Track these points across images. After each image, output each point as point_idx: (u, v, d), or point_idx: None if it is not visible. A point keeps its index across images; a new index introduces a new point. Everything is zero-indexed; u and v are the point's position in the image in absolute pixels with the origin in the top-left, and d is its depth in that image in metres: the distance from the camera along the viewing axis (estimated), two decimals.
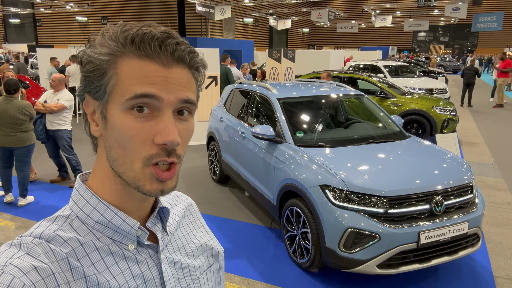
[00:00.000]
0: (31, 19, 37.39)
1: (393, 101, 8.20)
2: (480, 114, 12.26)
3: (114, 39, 0.62)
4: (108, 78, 0.62)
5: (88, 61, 0.63)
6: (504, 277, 3.49)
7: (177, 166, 0.65)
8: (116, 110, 0.62)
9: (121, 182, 0.65)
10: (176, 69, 0.63)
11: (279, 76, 11.28)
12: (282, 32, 41.40)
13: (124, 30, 0.62)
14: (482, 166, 6.73)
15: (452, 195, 3.26)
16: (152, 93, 0.60)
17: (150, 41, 0.60)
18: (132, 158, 0.62)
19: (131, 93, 0.60)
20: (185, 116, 0.65)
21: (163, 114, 0.61)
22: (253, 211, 4.85)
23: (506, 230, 4.37)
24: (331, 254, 3.10)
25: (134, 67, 0.61)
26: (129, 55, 0.61)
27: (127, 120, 0.61)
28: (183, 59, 0.63)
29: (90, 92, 0.64)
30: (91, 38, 0.65)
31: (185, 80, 0.64)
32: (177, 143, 0.61)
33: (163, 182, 0.63)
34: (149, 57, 0.61)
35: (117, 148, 0.63)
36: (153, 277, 0.69)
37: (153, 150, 0.61)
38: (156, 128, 0.61)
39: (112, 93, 0.62)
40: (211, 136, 5.88)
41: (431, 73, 16.79)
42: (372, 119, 4.87)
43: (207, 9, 22.54)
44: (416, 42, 50.07)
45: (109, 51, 0.62)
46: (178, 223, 0.81)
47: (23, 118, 4.75)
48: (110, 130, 0.63)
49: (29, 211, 4.87)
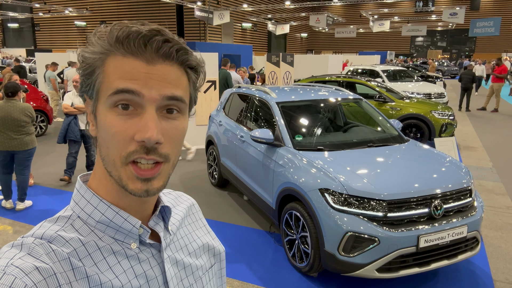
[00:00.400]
0: (30, 24, 37.46)
1: (391, 105, 8.23)
2: (478, 118, 12.30)
3: (102, 38, 0.63)
4: (96, 76, 0.63)
5: (82, 61, 0.64)
6: (503, 281, 3.49)
7: (163, 165, 0.63)
8: (102, 107, 0.62)
9: (115, 181, 0.65)
10: (161, 65, 0.62)
11: (278, 80, 11.31)
12: (280, 37, 41.56)
13: (113, 29, 0.62)
14: (480, 170, 6.74)
15: (451, 199, 3.26)
16: (132, 89, 0.60)
17: (135, 38, 0.60)
18: (113, 157, 0.62)
19: (112, 88, 0.60)
20: (174, 115, 0.64)
21: (145, 111, 0.61)
22: (252, 215, 4.85)
23: (505, 234, 4.37)
24: (330, 258, 3.09)
25: (118, 64, 0.61)
26: (116, 53, 0.62)
27: (110, 117, 0.61)
28: (170, 56, 0.62)
29: (85, 91, 0.65)
30: (87, 39, 0.66)
31: (171, 77, 0.63)
32: (155, 140, 0.60)
33: (147, 182, 0.63)
34: (133, 54, 0.61)
35: (103, 147, 0.63)
36: (156, 276, 0.69)
37: (132, 147, 0.61)
38: (137, 125, 0.60)
39: (99, 91, 0.63)
40: (210, 140, 5.88)
41: (429, 78, 16.86)
42: (371, 123, 4.89)
43: (206, 14, 22.63)
44: (414, 47, 50.30)
45: (99, 50, 0.63)
46: (180, 222, 0.81)
47: (26, 120, 4.76)
48: (99, 128, 0.64)
49: (27, 215, 4.85)
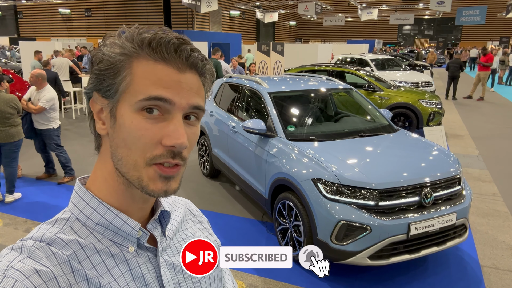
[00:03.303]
0: (12, 11, 36.39)
1: (380, 95, 8.29)
2: (464, 106, 12.49)
3: (130, 40, 0.63)
4: (122, 77, 0.63)
5: (101, 60, 0.64)
6: (490, 266, 3.60)
7: (181, 168, 0.66)
8: (126, 109, 0.62)
9: (124, 182, 0.66)
10: (189, 74, 0.64)
11: (268, 69, 11.28)
12: (269, 25, 41.24)
13: (140, 32, 0.63)
14: (467, 158, 6.87)
15: (440, 187, 3.33)
16: (165, 97, 0.61)
17: (166, 44, 0.62)
18: (136, 158, 0.62)
19: (145, 94, 0.61)
20: (192, 121, 0.67)
21: (173, 117, 0.63)
22: (244, 205, 4.88)
23: (492, 221, 4.49)
24: (323, 247, 3.14)
25: (150, 69, 0.62)
26: (145, 57, 0.62)
27: (137, 120, 0.62)
28: (196, 66, 0.65)
29: (101, 90, 0.65)
30: (106, 38, 0.65)
31: (196, 86, 0.65)
32: (185, 146, 0.62)
33: (167, 182, 0.64)
34: (165, 61, 0.62)
35: (123, 148, 0.63)
36: (152, 280, 0.70)
37: (158, 151, 0.62)
38: (165, 130, 0.62)
39: (125, 93, 0.63)
40: (201, 131, 5.86)
41: (417, 67, 16.99)
42: (361, 112, 4.93)
43: (193, 1, 22.30)
44: (402, 35, 50.46)
45: (125, 51, 0.63)
46: (177, 227, 0.82)
47: (11, 111, 4.65)
48: (118, 129, 0.63)
49: (17, 207, 4.79)
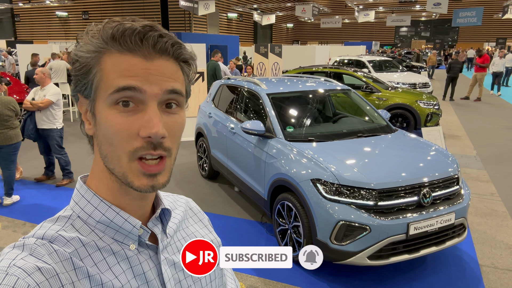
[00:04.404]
0: (9, 14, 36.35)
1: (378, 96, 8.31)
2: (461, 107, 12.53)
3: (97, 36, 0.63)
4: (93, 74, 0.63)
5: (75, 60, 0.64)
6: (489, 266, 3.61)
7: (167, 159, 0.65)
8: (102, 106, 0.63)
9: (116, 179, 0.65)
10: (159, 61, 0.63)
11: (266, 71, 11.30)
12: (266, 27, 41.34)
13: (106, 27, 0.62)
14: (465, 158, 6.90)
15: (438, 187, 3.34)
16: (133, 85, 0.60)
17: (131, 35, 0.61)
18: (119, 153, 0.62)
19: (113, 86, 0.61)
20: (174, 109, 0.65)
21: (148, 107, 0.62)
22: (243, 206, 4.87)
23: (490, 220, 4.51)
24: (322, 247, 3.14)
25: (116, 62, 0.62)
26: (111, 51, 0.62)
27: (112, 115, 0.61)
28: (166, 51, 0.63)
29: (80, 91, 0.65)
30: (78, 37, 0.65)
31: (170, 71, 0.64)
32: (161, 135, 0.61)
33: (153, 177, 0.63)
34: (131, 51, 0.61)
35: (105, 144, 0.63)
36: (154, 277, 0.70)
37: (138, 143, 0.61)
38: (141, 121, 0.61)
39: (98, 89, 0.63)
40: (199, 132, 5.86)
41: (414, 68, 17.05)
42: (359, 113, 4.94)
43: (191, 4, 22.32)
44: (398, 37, 50.66)
45: (93, 48, 0.62)
46: (177, 225, 0.82)
47: (9, 114, 4.64)
48: (99, 126, 0.64)
49: (15, 210, 4.78)
